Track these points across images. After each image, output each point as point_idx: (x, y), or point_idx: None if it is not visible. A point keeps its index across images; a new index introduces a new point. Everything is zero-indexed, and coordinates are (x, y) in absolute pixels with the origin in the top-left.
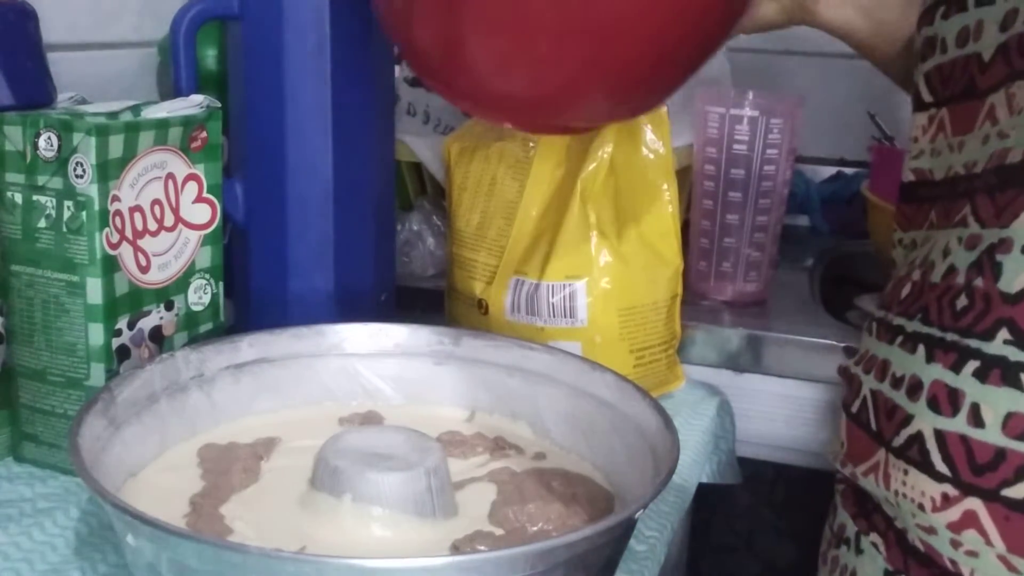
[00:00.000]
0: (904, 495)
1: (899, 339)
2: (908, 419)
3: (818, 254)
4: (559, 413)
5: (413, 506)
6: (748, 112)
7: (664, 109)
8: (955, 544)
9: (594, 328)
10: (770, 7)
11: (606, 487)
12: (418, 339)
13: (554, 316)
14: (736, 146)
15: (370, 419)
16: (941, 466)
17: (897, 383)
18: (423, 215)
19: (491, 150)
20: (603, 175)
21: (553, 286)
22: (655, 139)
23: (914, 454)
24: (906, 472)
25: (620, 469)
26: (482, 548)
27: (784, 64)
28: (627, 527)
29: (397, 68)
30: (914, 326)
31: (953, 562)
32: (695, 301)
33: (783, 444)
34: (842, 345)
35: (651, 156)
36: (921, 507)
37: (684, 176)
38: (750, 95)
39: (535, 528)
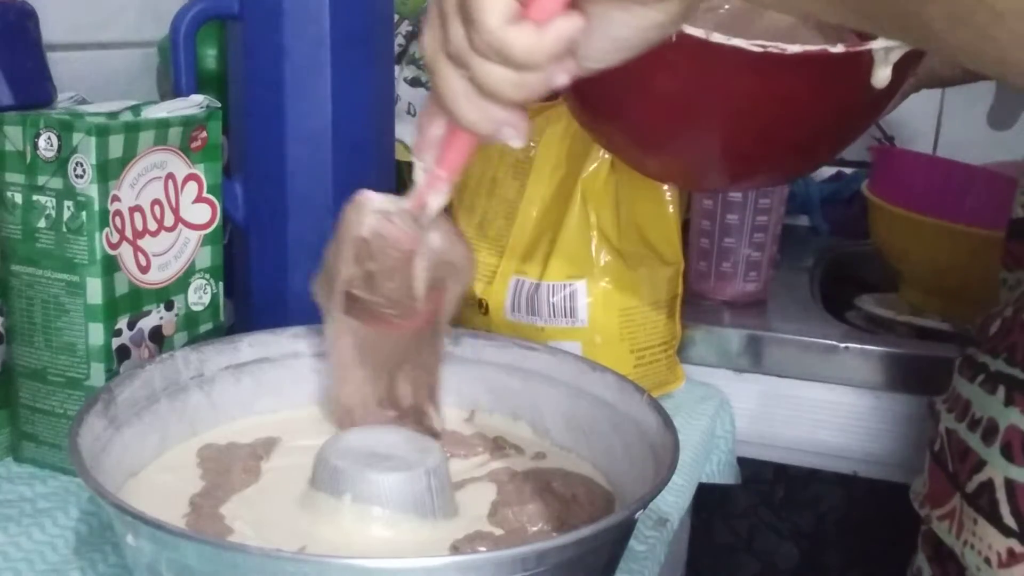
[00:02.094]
0: (972, 546)
1: (980, 377)
2: (981, 464)
3: (818, 254)
4: (559, 413)
5: (413, 506)
6: None
7: None
8: None
9: (594, 328)
10: (945, 68)
11: (606, 487)
12: None
13: (554, 316)
14: None
15: None
16: (1009, 519)
17: (974, 424)
18: None
19: (492, 150)
20: (604, 175)
21: (553, 286)
22: None
23: (984, 503)
24: (975, 522)
25: (620, 469)
26: (482, 548)
27: None
28: (627, 527)
29: (397, 68)
30: (998, 365)
31: None
32: (695, 301)
33: (783, 444)
34: (843, 345)
35: None
36: (988, 561)
37: None
38: None
39: (535, 528)
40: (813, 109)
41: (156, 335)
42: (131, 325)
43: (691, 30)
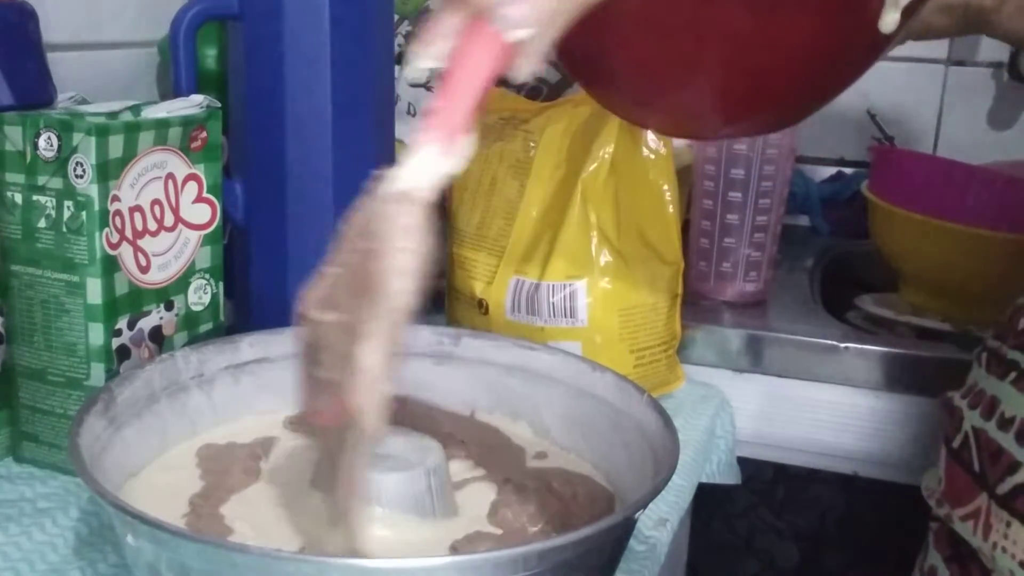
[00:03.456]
0: (1004, 549)
1: (1012, 375)
2: (1016, 466)
3: (818, 254)
4: (559, 413)
5: (413, 506)
6: None
7: None
8: None
9: (594, 328)
10: (941, 19)
11: (606, 487)
12: (418, 339)
13: (554, 316)
14: (736, 146)
15: None
16: None
17: (1006, 424)
18: None
19: (491, 150)
20: (604, 175)
21: (553, 286)
22: (656, 139)
23: (1019, 506)
24: (1008, 524)
25: (620, 469)
26: (482, 548)
27: None
28: (627, 527)
29: (397, 68)
30: None
31: None
32: (695, 301)
33: (783, 444)
34: (842, 345)
35: (652, 156)
36: (1022, 565)
37: (684, 176)
38: None
39: (535, 528)
40: (815, 49)
41: (156, 335)
42: (131, 325)
43: None
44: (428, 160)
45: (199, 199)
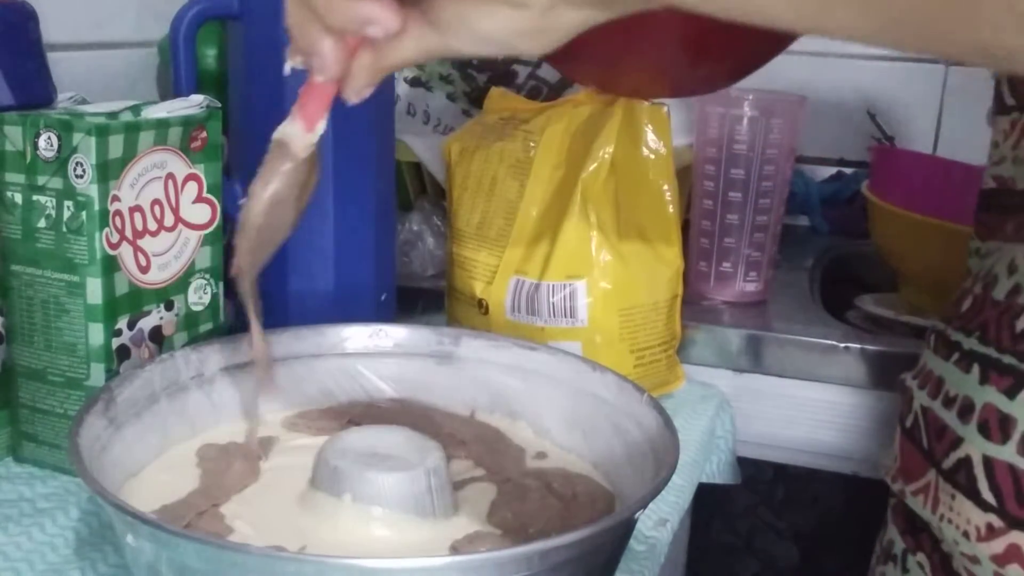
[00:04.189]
0: (950, 520)
1: (955, 356)
2: (958, 441)
3: (818, 254)
4: (559, 413)
5: (413, 506)
6: (748, 112)
7: (665, 109)
8: None
9: (594, 328)
10: None
11: (606, 487)
12: (418, 339)
13: (554, 316)
14: (736, 146)
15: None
16: (988, 495)
17: (949, 402)
18: (423, 215)
19: (491, 150)
20: (604, 175)
21: (553, 286)
22: (656, 139)
23: (962, 479)
24: (953, 497)
25: (620, 469)
26: (482, 548)
27: (784, 64)
28: (627, 527)
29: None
30: (971, 343)
31: None
32: (695, 301)
33: (783, 444)
34: (842, 345)
35: (652, 156)
36: (966, 535)
37: (684, 176)
38: (750, 95)
39: (535, 528)
40: None
41: (156, 335)
42: (131, 325)
43: None
44: (297, 131)
45: (199, 199)
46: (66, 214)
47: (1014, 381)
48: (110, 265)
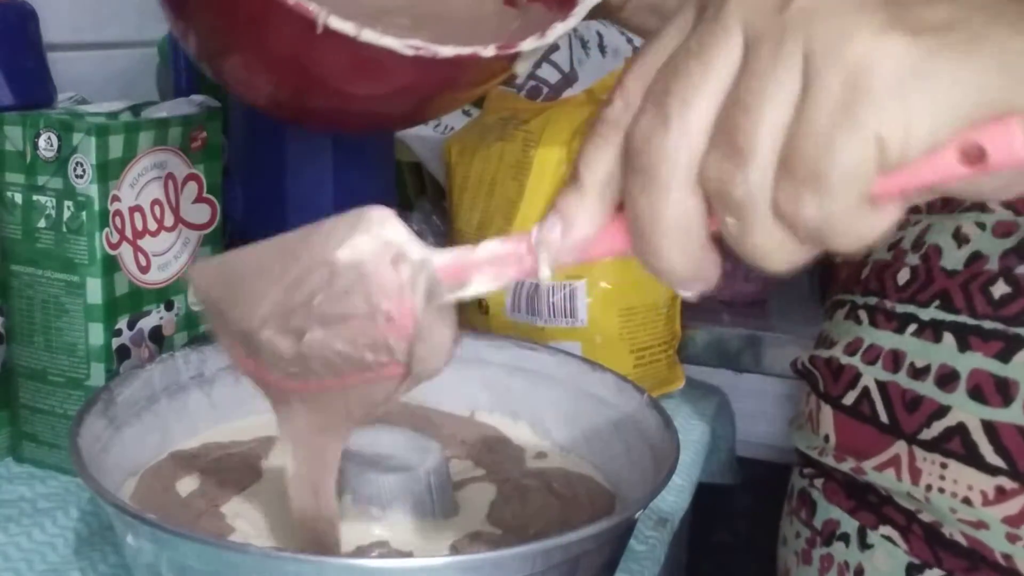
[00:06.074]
0: (941, 490)
1: (912, 327)
2: (943, 411)
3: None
4: (559, 413)
5: (413, 506)
6: None
7: None
8: (1012, 538)
9: (594, 328)
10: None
11: (606, 487)
12: None
13: (554, 316)
14: None
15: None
16: (994, 459)
17: (919, 373)
18: (423, 215)
19: (491, 150)
20: None
21: (553, 286)
22: None
23: (955, 447)
24: (944, 466)
25: (620, 469)
26: (482, 548)
27: None
28: (627, 527)
29: None
30: (932, 313)
31: (1007, 556)
32: (695, 301)
33: (783, 444)
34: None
35: None
36: (967, 501)
37: None
38: None
39: (535, 528)
40: (446, 91)
41: (156, 335)
42: (131, 325)
43: (338, 24)
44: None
45: (199, 199)
46: (66, 214)
47: (1005, 345)
48: (110, 265)
